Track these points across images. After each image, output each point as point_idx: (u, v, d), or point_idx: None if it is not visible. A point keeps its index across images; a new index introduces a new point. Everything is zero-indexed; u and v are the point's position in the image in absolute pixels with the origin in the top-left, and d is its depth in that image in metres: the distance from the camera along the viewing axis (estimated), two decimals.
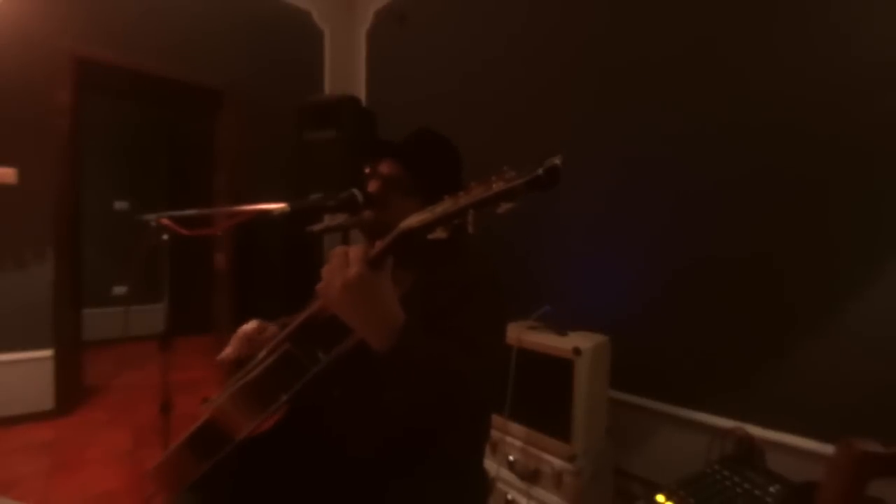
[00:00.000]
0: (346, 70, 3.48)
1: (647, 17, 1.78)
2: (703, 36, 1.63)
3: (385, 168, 0.90)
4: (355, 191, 0.86)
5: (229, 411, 0.73)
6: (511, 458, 1.52)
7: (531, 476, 1.46)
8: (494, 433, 1.56)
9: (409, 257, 0.62)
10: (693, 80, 1.65)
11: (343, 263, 0.59)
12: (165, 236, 1.30)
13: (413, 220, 0.55)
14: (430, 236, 0.54)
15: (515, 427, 1.53)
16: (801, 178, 1.40)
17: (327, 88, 3.40)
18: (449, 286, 0.76)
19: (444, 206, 0.52)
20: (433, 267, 0.78)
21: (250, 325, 0.93)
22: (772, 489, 1.10)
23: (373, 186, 0.90)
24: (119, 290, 4.16)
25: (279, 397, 0.71)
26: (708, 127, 1.60)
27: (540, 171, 0.46)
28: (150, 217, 1.29)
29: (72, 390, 2.49)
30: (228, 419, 0.73)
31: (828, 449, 1.25)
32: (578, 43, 2.02)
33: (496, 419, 1.53)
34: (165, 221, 1.28)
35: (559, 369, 1.42)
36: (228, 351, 0.89)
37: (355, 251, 0.59)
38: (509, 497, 1.49)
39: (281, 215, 0.92)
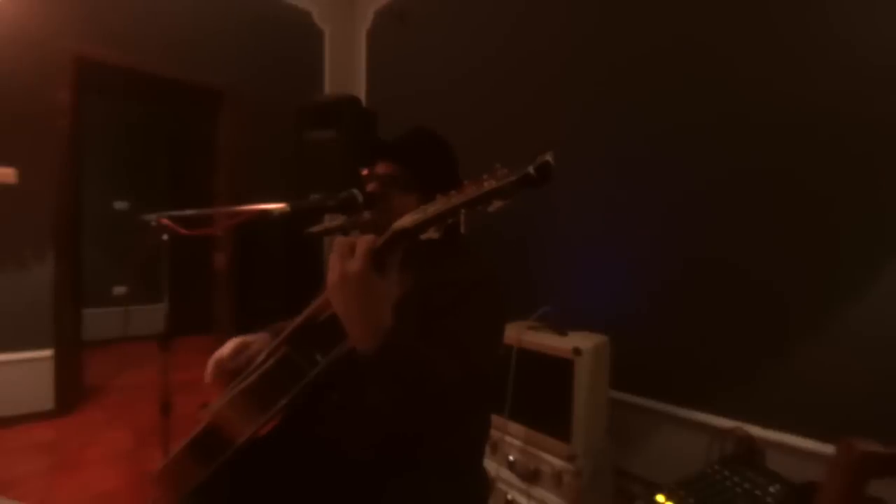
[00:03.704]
0: (346, 70, 3.48)
1: (647, 16, 1.78)
2: (705, 35, 1.63)
3: (381, 168, 0.90)
4: (355, 191, 0.86)
5: (229, 416, 0.72)
6: (511, 458, 1.52)
7: (531, 476, 1.46)
8: (494, 433, 1.56)
9: (408, 258, 0.62)
10: (695, 80, 1.65)
11: (346, 254, 0.58)
12: (165, 236, 1.30)
13: (406, 221, 0.54)
14: (422, 237, 0.53)
15: (515, 427, 1.53)
16: (801, 179, 1.40)
17: (327, 88, 3.40)
18: (447, 287, 0.76)
19: (437, 205, 0.51)
20: (433, 268, 0.78)
21: (226, 350, 0.89)
22: (772, 489, 1.10)
23: (371, 187, 0.90)
24: (119, 290, 4.16)
25: (278, 401, 0.70)
26: (709, 127, 1.60)
27: (531, 168, 0.45)
28: (150, 217, 1.29)
29: (72, 390, 2.49)
30: (228, 424, 0.72)
31: (828, 449, 1.26)
32: (578, 41, 2.02)
33: (496, 419, 1.53)
34: (165, 221, 1.28)
35: (559, 369, 1.42)
36: (208, 379, 0.87)
37: (362, 244, 0.57)
38: (509, 497, 1.49)
39: (281, 215, 0.92)
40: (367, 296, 0.57)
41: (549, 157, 0.45)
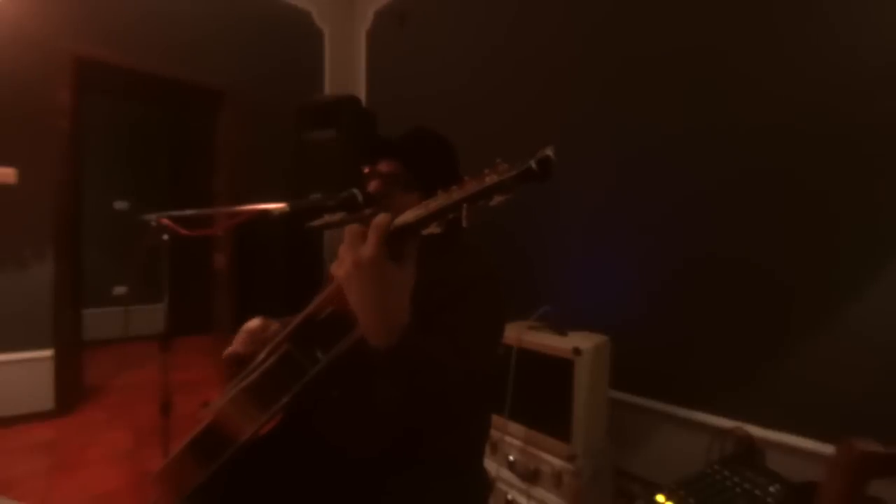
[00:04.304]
0: (346, 70, 3.48)
1: (648, 17, 1.78)
2: (704, 36, 1.63)
3: (383, 167, 0.91)
4: (355, 190, 0.86)
5: (230, 415, 0.72)
6: (511, 458, 1.52)
7: (531, 476, 1.46)
8: (494, 433, 1.56)
9: None
10: (694, 80, 1.65)
11: (358, 241, 0.55)
12: (165, 236, 1.31)
13: (407, 216, 0.53)
14: (424, 232, 0.53)
15: (515, 427, 1.53)
16: (801, 179, 1.40)
17: (327, 88, 3.40)
18: (446, 284, 0.76)
19: (438, 200, 0.51)
20: (432, 264, 0.78)
21: (254, 322, 0.92)
22: (772, 489, 1.10)
23: (373, 186, 0.90)
24: (119, 290, 4.16)
25: (280, 399, 0.70)
26: (709, 127, 1.60)
27: (532, 162, 0.45)
28: (150, 217, 1.29)
29: (72, 390, 2.49)
30: (230, 423, 0.72)
31: (828, 449, 1.26)
32: (579, 41, 2.03)
33: (496, 419, 1.53)
34: (165, 221, 1.28)
35: (559, 369, 1.42)
36: (233, 347, 0.89)
37: (374, 229, 0.54)
38: (509, 497, 1.49)
39: (281, 215, 0.92)
40: (382, 283, 0.55)
41: (549, 152, 0.45)
